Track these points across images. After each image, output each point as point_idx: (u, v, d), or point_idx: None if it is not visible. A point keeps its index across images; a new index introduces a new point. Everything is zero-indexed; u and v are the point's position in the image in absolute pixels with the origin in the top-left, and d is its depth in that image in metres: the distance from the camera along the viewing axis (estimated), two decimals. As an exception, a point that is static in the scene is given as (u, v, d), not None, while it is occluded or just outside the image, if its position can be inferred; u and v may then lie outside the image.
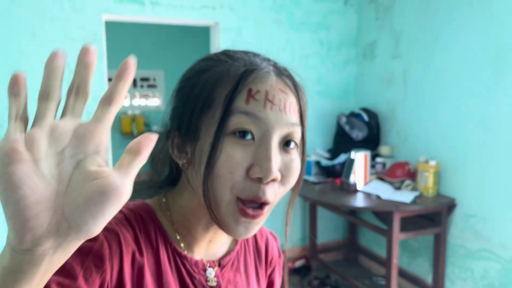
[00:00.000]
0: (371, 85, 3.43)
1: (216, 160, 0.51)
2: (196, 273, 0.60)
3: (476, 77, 2.49)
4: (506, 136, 2.33)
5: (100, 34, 2.76)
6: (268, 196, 0.53)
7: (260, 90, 0.53)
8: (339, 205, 2.69)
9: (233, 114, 0.51)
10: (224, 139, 0.52)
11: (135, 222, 0.56)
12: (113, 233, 0.53)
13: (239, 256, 0.67)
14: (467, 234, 2.60)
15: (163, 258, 0.58)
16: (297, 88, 0.58)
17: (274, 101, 0.53)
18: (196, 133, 0.54)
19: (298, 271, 3.39)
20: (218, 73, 0.55)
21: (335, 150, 3.35)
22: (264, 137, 0.52)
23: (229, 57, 0.57)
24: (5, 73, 2.59)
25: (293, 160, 0.55)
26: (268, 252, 0.74)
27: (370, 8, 3.40)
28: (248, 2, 3.15)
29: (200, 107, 0.54)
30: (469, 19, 2.53)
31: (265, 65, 0.56)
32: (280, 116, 0.53)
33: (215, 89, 0.54)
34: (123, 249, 0.53)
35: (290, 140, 0.55)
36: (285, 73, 0.58)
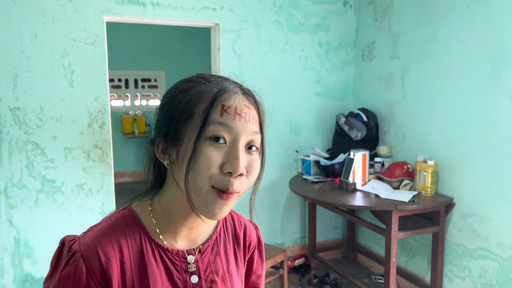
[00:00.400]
0: (370, 86, 3.45)
1: (197, 159, 0.66)
2: (178, 261, 0.73)
3: (474, 77, 2.52)
4: (504, 136, 2.36)
5: (101, 35, 2.79)
6: (235, 187, 0.67)
7: (231, 106, 0.68)
8: (338, 204, 2.71)
9: (210, 124, 0.67)
10: (202, 143, 0.67)
11: (120, 228, 0.72)
12: (92, 249, 0.68)
13: (219, 242, 0.80)
14: (465, 233, 2.62)
15: (147, 253, 0.71)
16: (258, 105, 0.74)
17: (241, 114, 0.69)
18: (180, 139, 0.69)
19: (297, 270, 3.41)
20: (198, 92, 0.70)
21: (334, 150, 3.38)
22: (234, 142, 0.68)
23: (205, 80, 0.73)
24: (7, 74, 2.61)
25: (255, 160, 0.71)
26: (247, 238, 0.86)
27: (369, 9, 3.43)
28: (248, 3, 3.18)
29: (184, 118, 0.69)
30: (466, 20, 2.55)
31: (233, 87, 0.73)
32: (245, 126, 0.69)
33: (196, 104, 0.69)
34: (101, 258, 0.67)
35: (252, 145, 0.70)
36: (249, 93, 0.74)
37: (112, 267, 0.68)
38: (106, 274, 0.68)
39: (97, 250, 0.68)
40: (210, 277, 0.76)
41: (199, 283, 0.74)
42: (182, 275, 0.73)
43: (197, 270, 0.75)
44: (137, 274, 0.70)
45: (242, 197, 0.71)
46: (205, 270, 0.76)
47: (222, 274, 0.78)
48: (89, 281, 0.67)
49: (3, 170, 2.66)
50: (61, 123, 2.76)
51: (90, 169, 2.86)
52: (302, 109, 3.48)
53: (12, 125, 2.65)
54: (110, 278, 0.68)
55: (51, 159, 2.76)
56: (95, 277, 0.67)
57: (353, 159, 2.88)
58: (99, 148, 2.87)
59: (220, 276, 0.77)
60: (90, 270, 0.67)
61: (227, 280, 0.78)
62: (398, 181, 2.83)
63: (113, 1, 2.79)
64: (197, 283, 0.74)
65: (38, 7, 2.63)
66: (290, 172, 3.49)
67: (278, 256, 2.70)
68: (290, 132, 3.46)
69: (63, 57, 2.72)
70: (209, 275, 0.76)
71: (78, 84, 2.77)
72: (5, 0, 2.56)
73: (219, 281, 0.76)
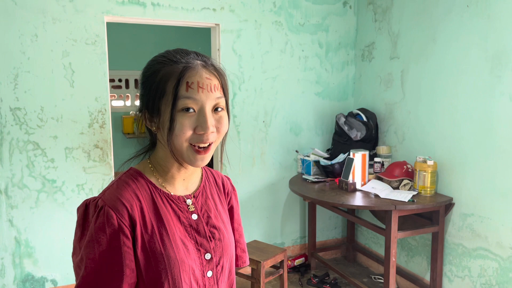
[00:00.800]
0: (370, 86, 3.46)
1: (174, 127, 0.83)
2: (180, 204, 0.92)
3: (473, 77, 2.53)
4: (503, 136, 2.36)
5: (102, 35, 2.80)
6: (211, 139, 0.85)
7: (194, 82, 0.83)
8: (338, 204, 2.71)
9: (179, 99, 0.82)
10: (176, 114, 0.83)
11: (132, 182, 0.88)
12: (116, 200, 0.83)
13: (206, 189, 0.99)
14: (464, 233, 2.63)
15: (156, 198, 0.89)
16: (218, 72, 0.88)
17: (203, 87, 0.84)
18: (159, 111, 0.85)
19: (297, 269, 3.42)
20: (166, 73, 0.85)
21: (334, 150, 3.39)
22: (201, 109, 0.84)
23: (170, 60, 0.86)
24: (8, 74, 2.62)
25: (222, 116, 0.87)
26: (224, 186, 1.07)
27: (369, 10, 3.43)
28: (248, 4, 3.19)
29: (158, 96, 0.85)
30: (466, 20, 2.56)
31: (195, 62, 0.86)
32: (208, 95, 0.84)
33: (166, 83, 0.84)
34: (126, 205, 0.83)
35: (218, 107, 0.86)
36: (209, 64, 0.87)
37: (134, 212, 0.84)
38: (132, 217, 0.83)
39: (121, 200, 0.84)
40: (205, 215, 0.95)
41: (199, 219, 0.93)
42: (186, 214, 0.92)
43: (195, 210, 0.94)
44: (153, 216, 0.87)
45: (241, 197, 0.74)
46: (200, 209, 0.95)
47: (214, 212, 0.97)
48: (121, 225, 0.82)
49: (3, 170, 2.67)
50: (62, 123, 2.76)
51: (91, 169, 2.86)
52: (302, 109, 3.48)
53: (13, 125, 2.66)
54: (135, 220, 0.83)
55: (51, 159, 2.76)
56: (124, 221, 0.82)
57: (352, 159, 2.89)
58: (100, 148, 2.88)
59: (213, 213, 0.97)
60: (119, 216, 0.82)
61: (217, 216, 0.98)
62: (397, 181, 2.83)
63: (114, 2, 2.79)
64: (197, 219, 0.93)
65: (39, 8, 2.63)
66: (290, 172, 3.50)
67: (278, 255, 2.71)
68: (290, 132, 3.47)
69: (64, 57, 2.72)
70: (204, 213, 0.95)
71: (79, 84, 2.77)
72: (6, 1, 2.56)
73: (213, 217, 0.96)
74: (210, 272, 0.92)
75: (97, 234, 0.81)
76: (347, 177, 2.87)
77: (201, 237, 0.91)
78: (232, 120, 3.25)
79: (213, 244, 0.93)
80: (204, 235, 0.92)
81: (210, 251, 0.92)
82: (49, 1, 2.65)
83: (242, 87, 3.25)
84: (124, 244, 0.81)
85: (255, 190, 3.40)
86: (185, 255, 0.87)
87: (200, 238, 0.91)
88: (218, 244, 0.94)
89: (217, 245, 0.93)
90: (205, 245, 0.91)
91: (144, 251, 0.84)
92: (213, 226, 0.94)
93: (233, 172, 3.30)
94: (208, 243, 0.92)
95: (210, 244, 0.92)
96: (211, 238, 0.93)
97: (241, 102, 3.26)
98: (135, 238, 0.83)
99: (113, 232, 0.81)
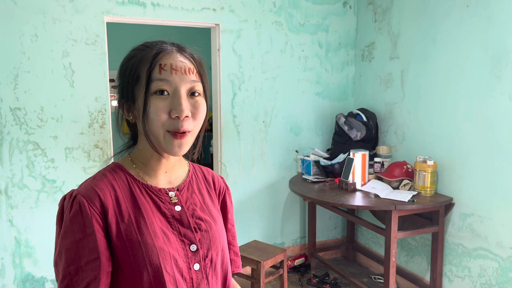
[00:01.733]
0: (369, 86, 3.46)
1: (148, 111, 0.81)
2: (161, 195, 0.89)
3: (473, 77, 2.53)
4: (503, 136, 2.37)
5: (101, 35, 2.80)
6: (185, 127, 0.82)
7: (167, 64, 0.82)
8: (338, 204, 2.72)
9: (152, 81, 0.81)
10: (150, 98, 0.81)
11: (109, 173, 0.87)
12: (89, 189, 0.83)
13: (192, 183, 0.96)
14: (464, 233, 2.63)
15: (134, 189, 0.87)
16: (194, 59, 0.87)
17: (177, 69, 0.82)
18: (134, 98, 0.84)
19: (297, 269, 3.42)
20: (140, 57, 0.84)
21: (334, 150, 3.39)
22: (175, 91, 0.82)
23: (146, 46, 0.86)
24: (8, 74, 2.62)
25: (198, 102, 0.84)
26: (215, 183, 1.03)
27: (369, 10, 3.43)
28: (248, 4, 3.19)
29: (132, 81, 0.84)
30: (466, 20, 2.56)
31: (170, 47, 0.85)
32: (182, 77, 0.82)
33: (139, 67, 0.83)
34: (99, 193, 0.82)
35: (194, 92, 0.84)
36: (186, 50, 0.87)
37: (108, 200, 0.82)
38: (104, 205, 0.82)
39: (94, 188, 0.83)
40: (190, 207, 0.92)
41: (182, 210, 0.90)
42: (167, 206, 0.89)
43: (179, 201, 0.91)
44: (130, 205, 0.85)
45: (241, 197, 0.73)
46: (185, 202, 0.92)
47: (200, 205, 0.94)
48: (92, 212, 0.80)
49: (3, 170, 2.67)
50: (62, 123, 2.76)
51: (91, 169, 2.86)
52: (302, 109, 3.48)
53: (13, 125, 2.66)
54: (107, 208, 0.82)
55: (51, 159, 2.76)
56: (95, 208, 0.81)
57: (352, 159, 2.89)
58: (100, 148, 2.88)
59: (198, 206, 0.94)
60: (91, 203, 0.81)
61: (204, 209, 0.94)
62: (397, 181, 2.83)
63: (114, 2, 2.79)
64: (180, 210, 0.90)
65: (39, 8, 2.63)
66: (290, 172, 3.50)
67: (278, 255, 2.71)
68: (290, 132, 3.47)
69: (64, 57, 2.72)
70: (189, 206, 0.92)
71: (79, 84, 2.77)
72: (6, 1, 2.56)
73: (198, 209, 0.93)
74: (197, 265, 0.88)
75: (71, 224, 0.80)
76: (347, 177, 2.87)
77: (185, 227, 0.89)
78: (232, 120, 3.25)
79: (199, 235, 0.89)
80: (188, 226, 0.89)
81: (196, 242, 0.89)
82: (49, 1, 2.65)
83: (242, 87, 3.25)
84: (97, 231, 0.80)
85: (255, 190, 3.40)
86: (165, 243, 0.84)
87: (184, 229, 0.88)
88: (205, 235, 0.90)
89: (204, 237, 0.90)
90: (189, 235, 0.88)
91: (120, 240, 0.82)
92: (198, 218, 0.91)
93: (233, 172, 3.30)
94: (192, 233, 0.89)
95: (196, 235, 0.89)
96: (196, 229, 0.90)
97: (241, 102, 3.26)
98: (109, 226, 0.82)
99: (85, 219, 0.80)
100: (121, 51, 3.77)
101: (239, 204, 3.33)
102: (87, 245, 0.79)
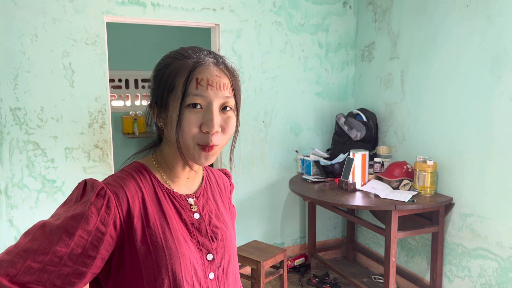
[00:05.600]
0: (369, 86, 3.46)
1: (181, 123, 0.82)
2: (181, 201, 0.90)
3: (473, 77, 2.53)
4: (503, 136, 2.37)
5: (102, 35, 2.80)
6: (214, 141, 0.83)
7: (204, 78, 0.82)
8: (338, 204, 2.72)
9: (188, 95, 0.81)
10: (184, 110, 0.82)
11: (136, 174, 0.86)
12: (119, 187, 0.81)
13: (206, 190, 0.98)
14: (464, 233, 2.63)
15: (159, 193, 0.87)
16: (230, 72, 0.87)
17: (212, 84, 0.83)
18: (167, 107, 0.84)
19: (297, 269, 3.42)
20: (177, 67, 0.84)
21: (333, 150, 3.39)
22: (208, 106, 0.82)
23: (183, 55, 0.86)
24: (8, 74, 2.62)
25: (229, 117, 0.85)
26: (226, 187, 1.06)
27: (369, 10, 3.43)
28: (248, 4, 3.19)
29: (167, 90, 0.84)
30: (466, 20, 2.56)
31: (206, 59, 0.85)
32: (217, 93, 0.83)
33: (176, 78, 0.83)
34: (127, 194, 0.81)
35: (226, 106, 0.85)
36: (221, 61, 0.87)
37: (135, 203, 0.82)
38: (130, 208, 0.81)
39: (123, 188, 0.82)
40: (207, 215, 0.93)
41: (201, 218, 0.91)
42: (188, 213, 0.90)
43: (198, 209, 0.92)
44: (156, 210, 0.85)
45: (241, 197, 0.72)
46: (202, 209, 0.93)
47: (215, 212, 0.96)
48: (116, 213, 0.79)
49: (3, 170, 2.67)
50: (62, 123, 2.76)
51: (91, 169, 2.86)
52: (302, 109, 3.48)
53: (13, 125, 2.66)
54: (133, 213, 0.81)
55: (51, 159, 2.76)
56: (120, 210, 0.80)
57: (352, 159, 2.89)
58: (100, 148, 2.88)
59: (214, 214, 0.95)
60: (117, 203, 0.79)
61: (219, 217, 0.96)
62: (397, 181, 2.83)
63: (114, 2, 2.79)
64: (199, 218, 0.91)
65: (39, 8, 2.63)
66: (290, 172, 3.50)
67: (278, 255, 2.71)
68: (290, 132, 3.47)
69: (64, 57, 2.72)
70: (206, 213, 0.93)
71: (79, 84, 2.77)
72: (6, 1, 2.56)
73: (214, 217, 0.95)
74: (212, 274, 0.89)
75: (90, 210, 0.76)
76: (347, 177, 2.87)
77: (203, 237, 0.89)
78: (232, 120, 3.25)
79: (215, 244, 0.91)
80: (206, 235, 0.90)
81: (212, 251, 0.90)
82: (49, 1, 2.65)
83: (242, 87, 3.21)
84: (109, 234, 0.77)
85: (255, 190, 3.40)
86: (188, 251, 0.85)
87: (202, 238, 0.89)
88: (220, 244, 0.92)
89: (219, 245, 0.91)
90: (207, 245, 0.89)
91: (145, 245, 0.81)
92: (215, 226, 0.93)
93: (233, 172, 3.29)
94: (210, 243, 0.90)
95: (212, 245, 0.90)
96: (213, 239, 0.91)
97: (241, 102, 3.25)
98: (133, 231, 0.80)
99: (106, 216, 0.77)
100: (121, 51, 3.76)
101: (239, 204, 3.33)
102: (91, 240, 0.76)
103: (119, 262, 0.81)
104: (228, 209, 1.04)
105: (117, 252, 0.80)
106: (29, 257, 0.72)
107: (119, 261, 0.81)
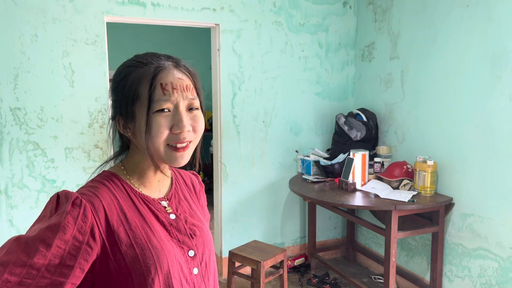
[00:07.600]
0: (369, 86, 3.46)
1: (151, 129, 0.83)
2: (156, 204, 0.92)
3: (474, 77, 2.53)
4: (503, 136, 2.37)
5: (102, 35, 2.80)
6: (188, 138, 0.85)
7: (168, 83, 0.84)
8: (338, 204, 2.72)
9: (154, 102, 0.82)
10: (152, 116, 0.83)
11: (108, 183, 0.87)
12: (94, 196, 0.82)
13: (177, 191, 1.00)
14: (464, 233, 2.63)
15: (134, 198, 0.89)
16: (191, 73, 0.89)
17: (177, 87, 0.84)
18: (134, 116, 0.85)
19: (297, 269, 3.42)
20: (137, 76, 0.85)
21: (334, 150, 3.39)
22: (176, 109, 0.84)
23: (141, 62, 0.86)
24: (8, 74, 2.62)
25: (197, 116, 0.87)
26: (195, 186, 1.08)
27: (369, 10, 3.43)
28: (248, 4, 3.19)
29: (132, 100, 0.84)
30: (466, 20, 2.56)
31: (166, 63, 0.86)
32: (182, 94, 0.85)
33: (138, 87, 0.84)
34: (103, 203, 0.82)
35: (192, 107, 0.87)
36: (180, 65, 0.88)
37: (112, 210, 0.83)
38: (108, 216, 0.81)
39: (98, 197, 0.82)
40: (182, 215, 0.95)
41: (177, 218, 0.94)
42: (164, 214, 0.92)
43: (172, 211, 0.94)
44: (134, 214, 0.87)
45: (241, 197, 0.72)
46: (176, 210, 0.95)
47: (189, 212, 0.98)
48: (93, 222, 0.79)
49: (3, 170, 2.67)
50: (62, 123, 2.76)
51: (91, 169, 2.86)
52: (302, 109, 3.48)
53: (13, 125, 2.66)
54: (111, 220, 0.82)
55: (51, 159, 2.76)
56: (97, 219, 0.80)
57: (352, 159, 2.89)
58: (100, 148, 2.88)
59: (188, 213, 0.98)
60: (94, 212, 0.80)
61: (193, 215, 0.99)
62: (397, 181, 2.83)
63: (114, 2, 2.79)
64: (175, 218, 0.93)
65: (39, 8, 2.63)
66: (290, 172, 3.50)
67: (278, 256, 2.71)
68: (290, 132, 3.47)
69: (64, 57, 2.72)
70: (181, 213, 0.96)
71: (79, 84, 2.77)
72: (6, 1, 2.56)
73: (189, 216, 0.97)
74: (196, 269, 0.92)
75: (66, 220, 0.75)
76: (347, 177, 2.87)
77: (182, 235, 0.92)
78: (232, 120, 3.25)
79: (195, 241, 0.93)
80: (185, 233, 0.92)
81: (193, 247, 0.92)
82: (49, 1, 2.65)
83: (242, 87, 3.25)
84: (87, 243, 0.77)
85: (255, 190, 3.40)
86: (171, 248, 0.87)
87: (182, 236, 0.92)
88: (199, 240, 0.94)
89: (199, 241, 0.94)
90: (187, 242, 0.92)
91: (130, 248, 0.82)
92: (192, 224, 0.95)
93: (233, 172, 3.30)
94: (190, 240, 0.92)
95: (192, 241, 0.93)
96: (192, 236, 0.93)
97: (241, 102, 3.26)
98: (116, 237, 0.81)
99: (83, 225, 0.77)
100: (121, 51, 3.77)
101: (239, 204, 3.33)
102: (68, 250, 0.75)
103: (102, 273, 0.80)
104: (202, 209, 1.06)
105: (99, 264, 0.80)
106: (6, 271, 0.70)
107: (102, 272, 0.80)
